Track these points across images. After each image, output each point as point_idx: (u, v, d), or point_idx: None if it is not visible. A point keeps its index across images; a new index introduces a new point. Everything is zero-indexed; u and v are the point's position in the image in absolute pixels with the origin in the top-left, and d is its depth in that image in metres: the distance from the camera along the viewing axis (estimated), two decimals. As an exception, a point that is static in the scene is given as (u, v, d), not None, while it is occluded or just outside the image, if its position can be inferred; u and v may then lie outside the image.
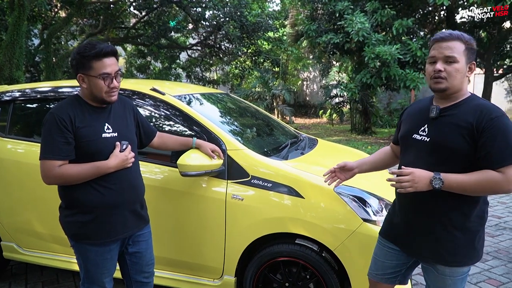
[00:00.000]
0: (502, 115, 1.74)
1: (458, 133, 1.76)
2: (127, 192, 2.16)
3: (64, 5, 12.74)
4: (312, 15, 12.46)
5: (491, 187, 1.71)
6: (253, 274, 2.69)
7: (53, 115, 2.01)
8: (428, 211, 1.86)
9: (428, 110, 1.90)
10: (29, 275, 3.60)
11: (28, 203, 3.09)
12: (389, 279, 2.12)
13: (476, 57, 9.91)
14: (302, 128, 16.17)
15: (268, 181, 2.59)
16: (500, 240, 4.48)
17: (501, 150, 1.70)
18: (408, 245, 1.98)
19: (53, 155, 1.99)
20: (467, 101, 1.84)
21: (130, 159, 2.14)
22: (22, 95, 3.29)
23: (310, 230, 2.51)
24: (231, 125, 3.30)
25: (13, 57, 9.36)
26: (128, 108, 2.31)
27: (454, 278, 1.89)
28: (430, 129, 1.86)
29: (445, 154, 1.79)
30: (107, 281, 2.21)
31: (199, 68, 18.77)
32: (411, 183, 1.74)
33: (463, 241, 1.83)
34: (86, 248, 2.13)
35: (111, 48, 2.04)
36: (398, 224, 2.02)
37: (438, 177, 1.72)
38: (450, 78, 1.80)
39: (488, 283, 3.48)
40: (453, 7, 11.39)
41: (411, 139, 1.93)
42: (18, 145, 3.16)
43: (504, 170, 1.70)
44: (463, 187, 1.72)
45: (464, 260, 1.86)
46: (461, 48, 1.80)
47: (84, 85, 2.06)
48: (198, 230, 2.73)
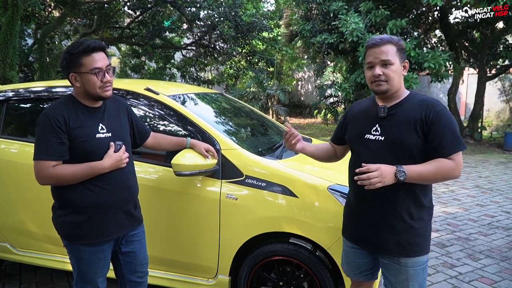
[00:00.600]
0: (445, 108, 1.91)
1: (410, 128, 1.87)
2: (121, 192, 2.16)
3: (58, 5, 12.67)
4: (307, 15, 12.48)
5: (445, 174, 1.85)
6: (248, 274, 2.69)
7: (47, 115, 2.00)
8: (387, 207, 1.94)
9: (374, 111, 2.00)
10: (23, 275, 3.59)
11: (22, 203, 3.08)
12: (367, 276, 2.18)
13: (470, 58, 9.98)
14: (296, 128, 16.18)
15: (262, 180, 2.60)
16: (493, 239, 4.52)
17: (450, 140, 1.84)
18: (370, 243, 2.04)
19: (47, 156, 1.98)
20: (409, 98, 1.96)
21: (124, 160, 2.13)
22: (16, 95, 3.28)
23: (304, 229, 2.52)
24: (225, 124, 3.30)
25: (6, 57, 9.31)
26: (122, 108, 2.31)
27: (416, 268, 1.96)
28: (382, 128, 1.95)
29: (400, 150, 1.89)
30: (100, 281, 2.21)
31: (193, 68, 18.74)
32: (380, 178, 1.79)
33: (420, 231, 1.94)
34: (79, 248, 2.12)
35: (99, 43, 2.04)
36: (358, 223, 2.08)
37: (401, 169, 1.81)
38: (390, 80, 1.91)
39: (481, 282, 3.51)
40: (446, 7, 11.45)
41: (363, 140, 2.00)
42: (11, 145, 3.15)
43: (454, 157, 1.84)
44: (423, 176, 1.83)
45: (423, 249, 1.97)
46: (394, 50, 1.92)
47: (78, 84, 2.05)
48: (192, 230, 2.73)
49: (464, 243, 4.38)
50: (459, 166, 1.85)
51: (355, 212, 2.09)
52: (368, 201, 2.00)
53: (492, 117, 15.67)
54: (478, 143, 12.39)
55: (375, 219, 1.98)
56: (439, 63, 9.82)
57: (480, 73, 12.75)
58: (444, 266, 3.81)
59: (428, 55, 9.96)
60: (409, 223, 1.92)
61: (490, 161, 9.71)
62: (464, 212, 5.53)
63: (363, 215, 2.04)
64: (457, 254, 4.10)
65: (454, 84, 13.47)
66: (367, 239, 2.04)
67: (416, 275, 1.97)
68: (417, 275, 1.98)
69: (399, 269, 1.97)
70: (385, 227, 1.96)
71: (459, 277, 3.59)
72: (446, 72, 10.69)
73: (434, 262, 3.89)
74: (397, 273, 1.98)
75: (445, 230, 4.79)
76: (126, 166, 2.16)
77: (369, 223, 2.01)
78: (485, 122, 15.00)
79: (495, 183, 7.34)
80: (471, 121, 13.15)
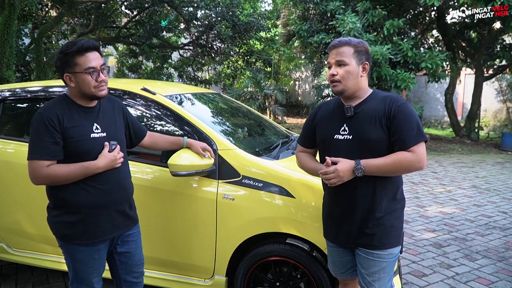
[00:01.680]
0: (406, 102, 1.98)
1: (375, 124, 1.95)
2: (115, 192, 2.15)
3: (55, 4, 12.63)
4: (304, 15, 12.47)
5: (405, 165, 1.90)
6: (244, 274, 2.69)
7: (41, 115, 2.00)
8: (357, 201, 2.00)
9: (341, 111, 2.05)
10: (19, 275, 3.58)
11: (17, 204, 3.07)
12: (353, 273, 2.22)
13: (467, 58, 10.00)
14: (294, 128, 16.19)
15: (259, 181, 2.59)
16: (490, 240, 4.53)
17: (409, 133, 1.90)
18: (346, 239, 2.09)
19: (41, 155, 1.98)
20: (372, 96, 2.04)
21: (119, 159, 2.13)
22: (12, 95, 3.26)
23: (301, 230, 2.52)
24: (222, 125, 3.30)
25: (3, 57, 9.29)
26: (117, 108, 2.30)
27: (389, 260, 2.04)
28: (349, 127, 2.01)
29: (368, 146, 1.95)
30: (95, 281, 2.20)
31: (191, 68, 18.72)
32: (337, 177, 1.91)
33: (392, 224, 2.02)
34: (75, 248, 2.12)
35: (92, 43, 2.03)
36: (333, 222, 2.13)
37: (359, 166, 1.90)
38: (344, 80, 1.98)
39: (478, 282, 3.52)
40: (443, 7, 11.48)
41: (333, 140, 2.05)
42: (7, 145, 3.13)
43: (413, 149, 1.90)
44: (382, 169, 1.91)
45: (396, 241, 2.05)
46: (350, 52, 1.99)
47: (72, 84, 2.04)
48: (189, 230, 2.72)
49: (461, 243, 4.39)
50: (420, 157, 1.89)
51: (330, 211, 2.16)
52: (340, 198, 2.06)
53: (489, 117, 15.73)
54: (475, 143, 12.43)
55: (348, 215, 2.04)
56: (436, 63, 9.85)
57: (477, 73, 12.79)
58: (441, 266, 3.82)
59: (425, 55, 9.99)
60: (381, 217, 1.99)
61: (487, 161, 9.73)
62: (461, 212, 5.54)
63: (336, 213, 2.11)
64: (454, 254, 4.10)
65: (451, 84, 13.51)
66: (342, 236, 2.10)
67: (388, 266, 2.05)
68: (389, 266, 2.05)
69: (372, 261, 2.03)
70: (358, 222, 2.02)
71: (456, 277, 3.60)
72: (443, 72, 10.71)
73: (431, 263, 3.89)
74: (371, 265, 2.04)
75: (442, 231, 4.79)
76: (120, 166, 2.15)
77: (343, 220, 2.07)
78: (482, 122, 15.05)
79: (492, 183, 7.36)
80: (468, 121, 13.20)
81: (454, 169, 8.67)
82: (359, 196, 1.99)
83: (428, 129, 16.67)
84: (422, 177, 7.83)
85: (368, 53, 2.05)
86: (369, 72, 2.06)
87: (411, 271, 3.72)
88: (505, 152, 11.29)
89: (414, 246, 4.29)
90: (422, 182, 7.42)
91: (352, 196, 2.01)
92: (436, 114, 17.26)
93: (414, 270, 3.74)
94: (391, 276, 2.08)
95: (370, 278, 2.05)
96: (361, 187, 1.98)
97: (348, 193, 2.01)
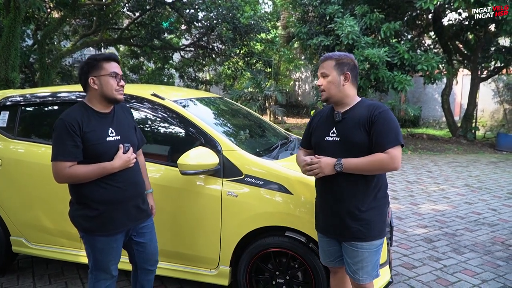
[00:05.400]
0: (387, 110, 2.23)
1: (358, 128, 2.22)
2: (130, 189, 2.41)
3: (58, 6, 12.85)
4: (303, 18, 12.71)
5: (380, 166, 2.16)
6: (247, 264, 2.94)
7: (63, 121, 2.26)
8: (344, 198, 2.26)
9: (333, 117, 2.34)
10: (35, 268, 3.82)
11: (35, 200, 3.32)
12: (336, 263, 2.48)
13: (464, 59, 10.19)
14: (294, 128, 16.42)
15: (260, 179, 2.84)
16: (478, 235, 4.77)
17: (385, 136, 2.16)
18: (333, 231, 2.35)
19: (63, 157, 2.23)
20: (359, 104, 2.31)
21: (132, 160, 2.39)
22: (28, 100, 3.50)
23: (298, 224, 2.77)
24: (225, 127, 3.54)
25: (8, 59, 9.49)
26: (128, 114, 2.58)
27: (371, 250, 2.29)
28: (338, 130, 2.29)
29: (352, 147, 2.22)
30: (113, 269, 2.47)
31: (192, 69, 18.91)
32: (319, 169, 2.22)
33: (374, 218, 2.26)
34: (95, 239, 2.38)
35: (116, 56, 2.39)
36: (323, 215, 2.39)
37: (339, 162, 2.18)
38: (327, 89, 2.30)
39: (464, 273, 3.76)
40: (439, 10, 11.70)
41: (324, 142, 2.34)
42: (26, 146, 3.38)
43: (389, 151, 2.14)
44: (359, 167, 2.17)
45: (377, 234, 2.28)
46: (331, 64, 2.30)
47: (95, 86, 2.31)
48: (196, 224, 2.97)
49: (450, 238, 4.64)
50: (393, 159, 2.14)
51: (320, 205, 2.43)
52: (329, 194, 2.33)
53: (486, 118, 15.95)
54: (471, 143, 12.65)
55: (335, 209, 2.31)
56: (432, 65, 10.09)
57: (473, 75, 13.02)
58: (430, 259, 4.07)
59: (421, 58, 10.22)
60: (363, 212, 2.23)
61: (481, 161, 9.97)
62: (453, 210, 5.78)
63: (325, 207, 2.37)
64: (443, 248, 4.35)
65: (447, 85, 13.75)
66: (330, 228, 2.36)
67: (370, 257, 2.29)
68: (371, 256, 2.30)
69: (356, 252, 2.29)
70: (343, 216, 2.27)
71: (444, 269, 3.85)
72: (439, 74, 10.95)
73: (421, 256, 4.14)
74: (354, 255, 2.30)
75: (433, 227, 5.04)
76: (133, 165, 2.42)
77: (331, 213, 2.34)
78: (480, 123, 15.29)
79: (484, 182, 7.61)
80: (464, 121, 13.42)
81: (449, 169, 8.91)
82: (345, 193, 2.25)
83: (426, 129, 16.91)
84: (417, 176, 8.08)
85: (351, 64, 2.31)
86: (354, 80, 2.33)
87: (402, 263, 3.97)
88: (500, 152, 11.52)
89: (406, 241, 4.54)
90: (417, 181, 7.66)
91: (338, 193, 2.27)
92: (434, 114, 17.50)
93: (404, 262, 3.99)
94: (374, 265, 2.33)
95: (354, 267, 2.31)
96: (346, 186, 2.24)
97: (334, 190, 2.28)
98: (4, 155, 3.39)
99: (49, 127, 3.53)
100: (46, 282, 3.54)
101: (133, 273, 2.69)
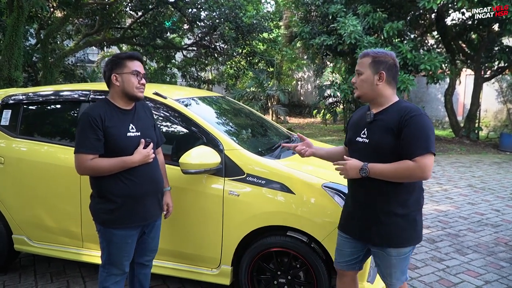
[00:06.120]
0: (420, 114, 2.09)
1: (387, 133, 2.12)
2: (148, 185, 2.48)
3: (61, 6, 12.87)
4: (306, 17, 12.71)
5: (407, 174, 2.05)
6: (248, 264, 2.93)
7: (87, 115, 2.34)
8: (375, 204, 2.19)
9: (365, 117, 2.26)
10: (37, 266, 3.82)
11: (37, 199, 3.31)
12: (349, 266, 2.42)
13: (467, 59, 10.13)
14: (296, 128, 16.41)
15: (262, 178, 2.83)
16: (481, 236, 4.75)
17: (414, 143, 2.04)
18: (362, 235, 2.29)
19: (85, 150, 2.31)
20: (393, 106, 2.20)
21: (151, 155, 2.46)
22: (31, 98, 3.50)
23: (300, 223, 2.76)
24: (227, 126, 3.53)
25: (12, 58, 9.51)
26: (148, 112, 2.66)
27: (399, 257, 2.21)
28: (368, 132, 2.23)
29: (380, 151, 2.14)
30: (125, 265, 2.52)
31: (194, 68, 18.93)
32: (344, 171, 2.17)
33: (404, 226, 2.17)
34: (112, 232, 2.43)
35: (139, 55, 2.51)
36: (352, 216, 2.33)
37: (365, 167, 2.11)
38: (360, 87, 2.24)
39: (467, 274, 3.75)
40: (443, 10, 11.67)
41: (355, 142, 2.29)
42: (28, 145, 3.38)
43: (418, 159, 2.02)
44: (385, 174, 2.09)
45: (407, 241, 2.19)
46: (367, 62, 2.21)
47: (118, 83, 2.40)
48: (198, 224, 2.96)
49: (453, 239, 4.62)
50: (422, 168, 2.01)
51: (349, 207, 2.36)
52: (359, 198, 2.27)
53: (490, 118, 15.89)
54: (474, 144, 12.60)
55: (365, 214, 2.24)
56: (435, 65, 10.05)
57: (476, 75, 12.97)
58: (433, 260, 4.05)
59: (424, 57, 10.19)
60: (394, 219, 2.15)
61: (484, 161, 9.94)
62: (456, 210, 5.76)
63: (355, 210, 2.30)
64: (446, 249, 4.33)
65: (450, 85, 13.69)
66: (358, 231, 2.29)
67: (399, 263, 2.23)
68: (400, 263, 2.24)
69: (384, 257, 2.24)
70: (373, 221, 2.20)
71: (446, 270, 3.83)
72: (441, 74, 10.91)
73: (423, 256, 4.12)
74: (383, 260, 2.26)
75: (435, 227, 5.02)
76: (152, 161, 2.48)
77: (360, 217, 2.27)
78: (483, 123, 15.22)
79: (487, 183, 7.58)
80: (467, 121, 13.37)
81: (452, 169, 8.89)
82: (374, 197, 2.17)
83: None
84: (420, 176, 8.04)
85: (388, 63, 2.18)
86: (392, 80, 2.20)
87: (412, 268, 3.94)
88: (503, 152, 11.48)
89: (409, 242, 4.51)
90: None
91: (367, 195, 2.20)
92: (437, 114, 17.45)
93: (407, 263, 3.97)
94: (403, 270, 2.27)
95: (384, 271, 2.29)
96: (375, 189, 2.15)
97: (363, 192, 2.22)
98: (7, 153, 3.39)
99: (52, 125, 3.55)
100: (48, 281, 3.54)
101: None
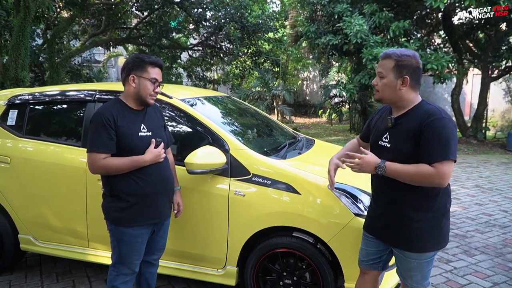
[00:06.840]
0: (442, 118, 2.01)
1: (408, 138, 2.07)
2: (158, 184, 2.49)
3: (67, 6, 12.94)
4: (312, 17, 12.67)
5: (424, 179, 2.00)
6: (254, 264, 2.91)
7: (100, 115, 2.36)
8: (398, 206, 2.16)
9: (387, 120, 2.21)
10: (43, 266, 3.83)
11: (44, 199, 3.32)
12: (373, 265, 2.40)
13: (474, 59, 10.03)
14: (301, 127, 16.38)
15: (268, 178, 2.81)
16: (489, 237, 4.70)
17: (434, 148, 1.98)
18: (383, 235, 2.27)
19: (98, 149, 2.33)
20: (415, 109, 2.13)
21: (162, 155, 2.48)
22: (37, 98, 3.50)
23: (306, 224, 2.74)
24: (233, 126, 3.51)
25: (18, 58, 9.57)
26: (158, 113, 2.68)
27: (420, 261, 2.18)
28: (389, 136, 2.19)
29: (401, 155, 2.09)
30: (136, 264, 2.53)
31: (200, 68, 18.97)
32: (359, 166, 2.12)
33: (427, 230, 2.12)
34: (123, 231, 2.44)
35: (162, 63, 2.51)
36: (376, 218, 2.31)
37: (382, 165, 2.06)
38: (381, 91, 2.16)
39: (474, 276, 3.71)
40: (449, 9, 11.59)
41: (378, 145, 2.24)
42: (34, 145, 3.38)
43: (436, 165, 1.97)
44: (401, 175, 2.04)
45: (430, 246, 2.15)
46: (390, 65, 2.10)
47: (134, 84, 2.41)
48: (203, 224, 2.95)
49: (460, 240, 4.58)
50: (440, 174, 1.96)
51: (373, 208, 2.35)
52: (383, 199, 2.25)
53: (497, 118, 15.77)
54: (481, 144, 12.49)
55: (388, 215, 2.22)
56: (441, 65, 9.98)
57: (483, 74, 12.86)
58: (440, 261, 4.01)
59: (431, 57, 10.11)
60: (416, 222, 2.11)
61: (492, 162, 9.85)
62: (463, 211, 5.71)
63: (379, 211, 2.28)
64: (454, 250, 4.29)
65: (457, 85, 13.59)
66: (381, 232, 2.28)
67: (420, 267, 2.20)
68: (421, 267, 2.20)
69: (405, 260, 2.21)
70: (396, 224, 2.18)
71: (454, 271, 3.79)
72: (448, 73, 10.83)
73: (430, 257, 4.08)
74: (404, 262, 2.23)
75: (443, 228, 4.97)
76: (163, 161, 2.49)
77: (383, 219, 2.25)
78: (490, 123, 15.11)
79: (495, 183, 7.51)
80: (475, 121, 13.26)
81: (459, 169, 8.82)
82: (396, 198, 2.14)
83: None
84: (427, 176, 7.99)
85: (412, 66, 2.08)
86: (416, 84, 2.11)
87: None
88: (511, 152, 11.37)
89: (416, 242, 4.48)
90: (426, 181, 7.57)
91: (389, 196, 2.18)
92: (444, 114, 17.31)
93: (414, 264, 3.93)
94: (425, 275, 2.23)
95: (404, 273, 2.26)
96: (398, 190, 2.11)
97: (386, 192, 2.19)
98: (13, 153, 3.39)
99: (58, 125, 3.55)
100: (54, 280, 3.54)
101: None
